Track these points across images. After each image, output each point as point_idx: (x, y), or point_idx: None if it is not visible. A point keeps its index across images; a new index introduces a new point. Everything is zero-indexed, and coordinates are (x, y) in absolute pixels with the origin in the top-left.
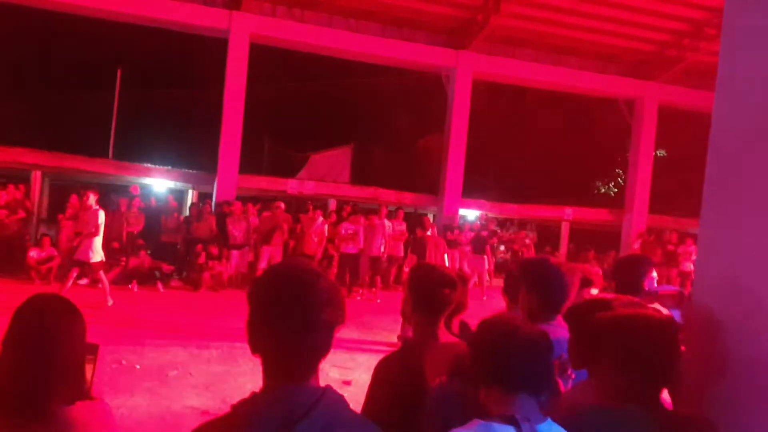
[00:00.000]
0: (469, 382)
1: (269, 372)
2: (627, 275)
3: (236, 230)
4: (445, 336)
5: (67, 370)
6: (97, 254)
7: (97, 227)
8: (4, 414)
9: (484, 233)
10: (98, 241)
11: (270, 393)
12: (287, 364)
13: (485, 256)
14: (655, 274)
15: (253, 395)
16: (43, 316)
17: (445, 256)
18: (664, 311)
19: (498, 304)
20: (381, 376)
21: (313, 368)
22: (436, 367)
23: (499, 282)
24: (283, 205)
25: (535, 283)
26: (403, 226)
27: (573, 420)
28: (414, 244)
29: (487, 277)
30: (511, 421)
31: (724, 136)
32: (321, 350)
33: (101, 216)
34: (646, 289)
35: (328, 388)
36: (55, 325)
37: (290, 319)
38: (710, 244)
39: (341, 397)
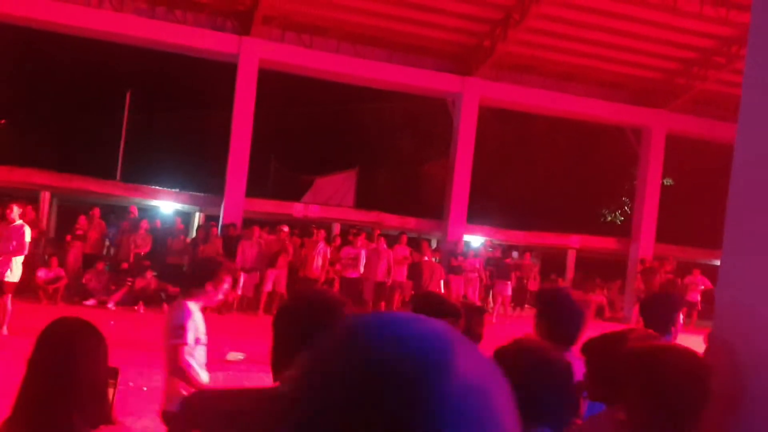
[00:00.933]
0: None
1: None
2: (655, 313)
3: (250, 254)
4: None
5: (90, 393)
6: (15, 274)
7: (23, 246)
8: None
9: (508, 260)
10: (20, 260)
11: None
12: None
13: (509, 282)
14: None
15: None
16: (67, 340)
17: (441, 282)
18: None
19: (512, 331)
20: None
21: None
22: None
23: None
24: (287, 228)
25: (548, 312)
26: (407, 251)
27: None
28: (410, 270)
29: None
30: None
31: (746, 167)
32: None
33: (28, 233)
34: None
35: None
36: (78, 348)
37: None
38: (732, 279)
39: None
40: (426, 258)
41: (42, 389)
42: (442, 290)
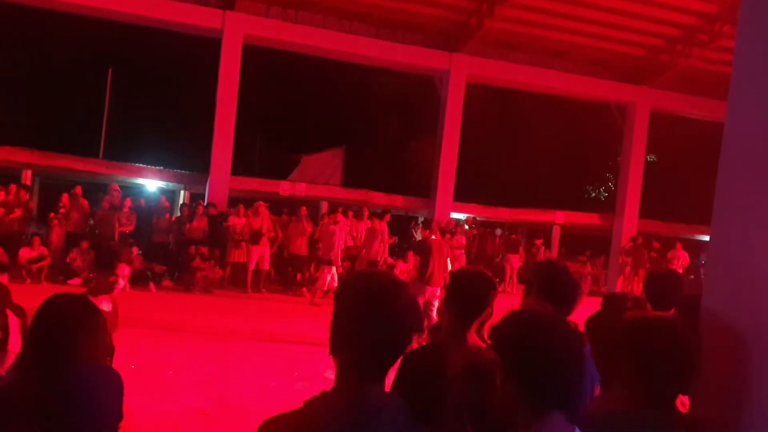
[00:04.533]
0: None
1: (344, 372)
2: (659, 289)
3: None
4: (473, 340)
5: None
6: None
7: None
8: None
9: (514, 236)
10: None
11: (342, 392)
12: (364, 365)
13: (517, 255)
14: None
15: (324, 393)
16: (65, 315)
17: (448, 260)
18: None
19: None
20: (404, 369)
21: (385, 372)
22: (459, 366)
23: None
24: (264, 205)
25: (547, 286)
26: (384, 228)
27: (592, 426)
28: (417, 247)
29: None
30: None
31: (737, 142)
32: (397, 355)
33: None
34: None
35: (394, 393)
36: (76, 324)
37: (378, 323)
38: (722, 251)
39: (405, 403)
40: (434, 237)
41: (39, 364)
42: (450, 268)
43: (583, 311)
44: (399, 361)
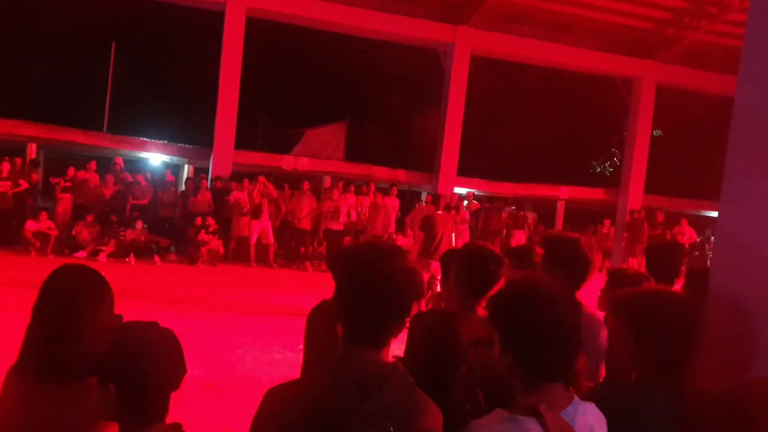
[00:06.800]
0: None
1: (347, 340)
2: (659, 262)
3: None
4: (482, 312)
5: (95, 338)
6: None
7: None
8: (36, 379)
9: (522, 213)
10: None
11: (345, 361)
12: (365, 334)
13: (524, 231)
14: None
15: (328, 361)
16: (72, 287)
17: (453, 235)
18: None
19: None
20: (416, 330)
21: (387, 340)
22: (470, 333)
23: None
24: (263, 180)
25: (562, 259)
26: (396, 203)
27: (593, 396)
28: (423, 222)
29: None
30: (534, 413)
31: (747, 116)
32: (399, 322)
33: None
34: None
35: (396, 362)
36: (83, 295)
37: (376, 290)
38: (730, 228)
39: (407, 372)
40: (439, 212)
41: (48, 336)
42: (453, 243)
43: (590, 286)
44: (408, 324)
